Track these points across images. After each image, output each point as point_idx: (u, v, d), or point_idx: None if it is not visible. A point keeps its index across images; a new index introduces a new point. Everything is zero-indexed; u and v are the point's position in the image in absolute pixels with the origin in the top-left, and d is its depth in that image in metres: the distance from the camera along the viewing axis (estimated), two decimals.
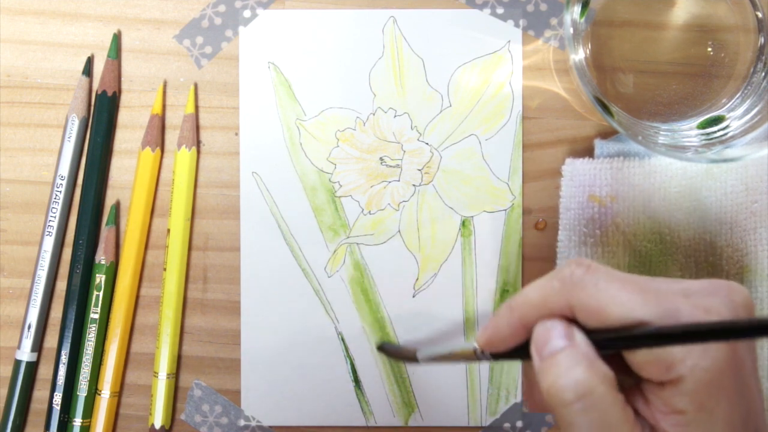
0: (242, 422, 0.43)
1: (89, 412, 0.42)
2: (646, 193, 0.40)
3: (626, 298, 0.27)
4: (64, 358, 0.41)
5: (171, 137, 0.43)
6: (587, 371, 0.26)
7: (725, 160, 0.37)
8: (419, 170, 0.42)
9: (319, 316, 0.42)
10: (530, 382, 0.31)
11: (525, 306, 0.29)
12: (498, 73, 0.42)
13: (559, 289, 0.28)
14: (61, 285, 0.42)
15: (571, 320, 0.28)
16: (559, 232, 0.41)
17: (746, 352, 0.27)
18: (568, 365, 0.27)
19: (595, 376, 0.26)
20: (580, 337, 0.27)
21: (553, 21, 0.42)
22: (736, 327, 0.24)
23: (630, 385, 0.29)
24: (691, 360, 0.26)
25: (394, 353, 0.41)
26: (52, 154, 0.43)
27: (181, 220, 0.42)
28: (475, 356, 0.31)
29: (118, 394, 0.42)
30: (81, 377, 0.41)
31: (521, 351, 0.30)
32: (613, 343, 0.27)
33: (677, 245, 0.40)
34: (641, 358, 0.27)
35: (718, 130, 0.40)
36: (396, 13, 0.42)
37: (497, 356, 0.30)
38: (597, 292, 0.27)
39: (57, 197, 0.42)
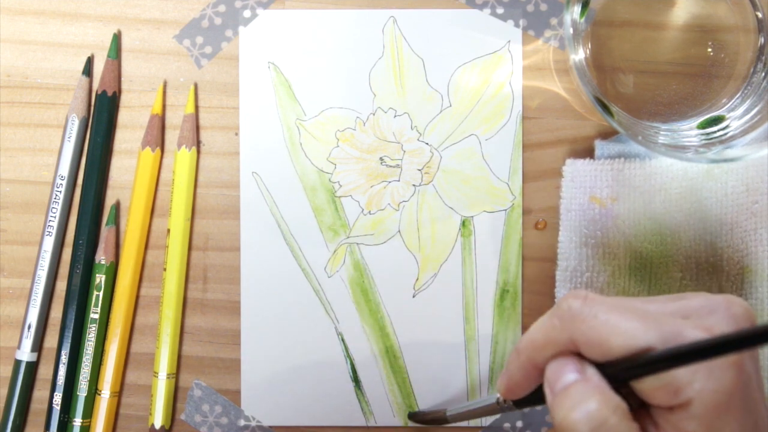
0: (242, 422, 0.43)
1: (89, 412, 0.42)
2: (646, 194, 0.40)
3: (627, 326, 0.27)
4: (64, 358, 0.41)
5: (171, 137, 0.43)
6: (600, 403, 0.26)
7: (725, 160, 0.37)
8: (419, 170, 0.42)
9: (319, 316, 0.42)
10: None
11: (530, 347, 0.29)
12: (498, 73, 0.42)
13: (560, 326, 0.28)
14: (61, 285, 0.42)
15: (580, 355, 0.28)
16: (560, 234, 0.41)
17: (751, 366, 0.27)
18: (581, 398, 0.27)
19: (608, 407, 0.26)
20: (591, 370, 0.27)
21: (553, 21, 0.42)
22: (740, 338, 0.24)
23: (636, 406, 0.29)
24: (698, 383, 0.26)
25: (425, 419, 0.42)
26: (52, 154, 0.43)
27: (181, 220, 0.42)
28: (498, 407, 0.32)
29: (118, 394, 0.42)
30: (81, 377, 0.41)
31: (541, 395, 0.29)
32: (623, 373, 0.27)
33: (678, 246, 0.40)
34: (648, 385, 0.27)
35: (718, 130, 0.40)
36: (396, 13, 0.42)
37: (519, 403, 0.31)
38: (597, 324, 0.27)
39: (57, 197, 0.42)
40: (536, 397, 0.30)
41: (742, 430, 0.27)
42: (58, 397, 0.41)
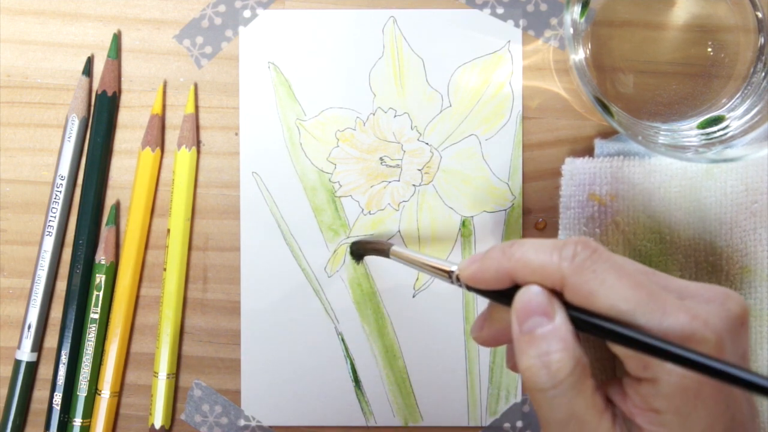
0: (242, 422, 0.43)
1: (89, 412, 0.42)
2: (646, 192, 0.40)
3: (617, 289, 0.26)
4: (64, 358, 0.41)
5: (171, 137, 0.43)
6: (562, 358, 0.27)
7: (725, 160, 0.37)
8: (419, 170, 0.42)
9: (319, 316, 0.42)
10: (488, 316, 0.31)
11: (519, 264, 0.28)
12: (498, 73, 0.42)
13: (558, 266, 0.27)
14: (61, 285, 0.42)
15: (558, 292, 0.28)
16: (559, 231, 0.41)
17: (736, 362, 0.27)
18: (546, 348, 0.27)
19: (569, 362, 0.27)
20: (561, 317, 0.27)
21: (553, 21, 0.42)
22: (703, 364, 0.24)
23: (620, 374, 0.29)
24: (669, 364, 0.26)
25: (367, 247, 0.41)
26: (52, 154, 0.43)
27: (181, 220, 0.42)
28: (449, 278, 0.31)
29: (118, 394, 0.42)
30: (81, 377, 0.41)
31: (496, 293, 0.29)
32: (591, 328, 0.27)
33: (677, 245, 0.40)
34: (621, 350, 0.27)
35: (718, 130, 0.40)
36: (396, 13, 0.42)
37: (471, 289, 0.30)
38: (591, 278, 0.27)
39: (57, 197, 0.42)
40: (491, 294, 0.30)
41: (714, 421, 0.26)
42: (58, 397, 0.41)
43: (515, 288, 0.29)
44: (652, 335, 0.25)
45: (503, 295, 0.29)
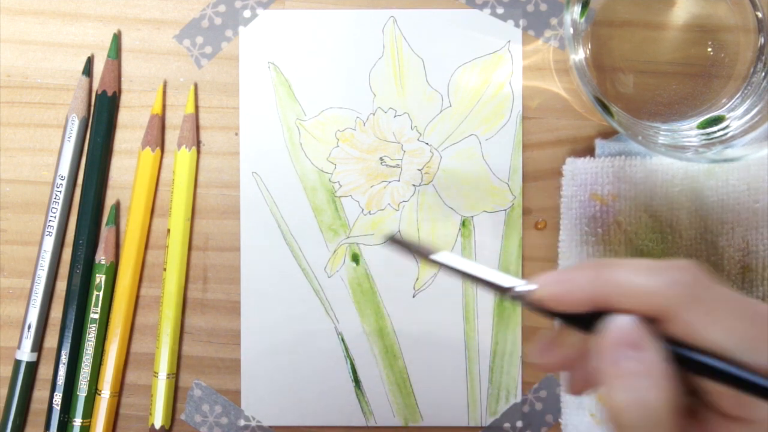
0: (242, 422, 0.42)
1: (89, 412, 0.41)
2: (647, 191, 0.40)
3: (725, 322, 0.24)
4: (64, 358, 0.41)
5: (171, 137, 0.43)
6: (656, 397, 0.24)
7: (725, 160, 0.37)
8: (419, 170, 0.42)
9: (319, 316, 0.42)
10: (557, 340, 0.28)
11: (618, 289, 0.25)
12: (498, 73, 0.42)
13: (663, 294, 0.25)
14: (61, 285, 0.42)
15: (652, 321, 0.25)
16: (561, 231, 0.41)
17: None
18: (638, 385, 0.24)
19: (664, 402, 0.24)
20: (656, 351, 0.25)
21: (553, 21, 0.42)
22: None
23: (695, 405, 0.27)
24: None
25: (406, 244, 0.33)
26: (52, 154, 0.43)
27: (181, 220, 0.42)
28: (507, 294, 0.27)
29: (118, 394, 0.42)
30: (81, 377, 0.41)
31: (572, 317, 0.26)
32: (692, 365, 0.25)
33: (679, 244, 0.40)
34: (718, 387, 0.25)
35: (718, 130, 0.40)
36: (396, 13, 0.42)
37: (537, 309, 0.27)
38: (700, 309, 0.25)
39: (57, 197, 0.42)
40: (567, 318, 0.27)
41: None
42: (58, 397, 0.41)
43: (596, 313, 0.26)
44: (762, 374, 0.23)
45: (580, 320, 0.26)
